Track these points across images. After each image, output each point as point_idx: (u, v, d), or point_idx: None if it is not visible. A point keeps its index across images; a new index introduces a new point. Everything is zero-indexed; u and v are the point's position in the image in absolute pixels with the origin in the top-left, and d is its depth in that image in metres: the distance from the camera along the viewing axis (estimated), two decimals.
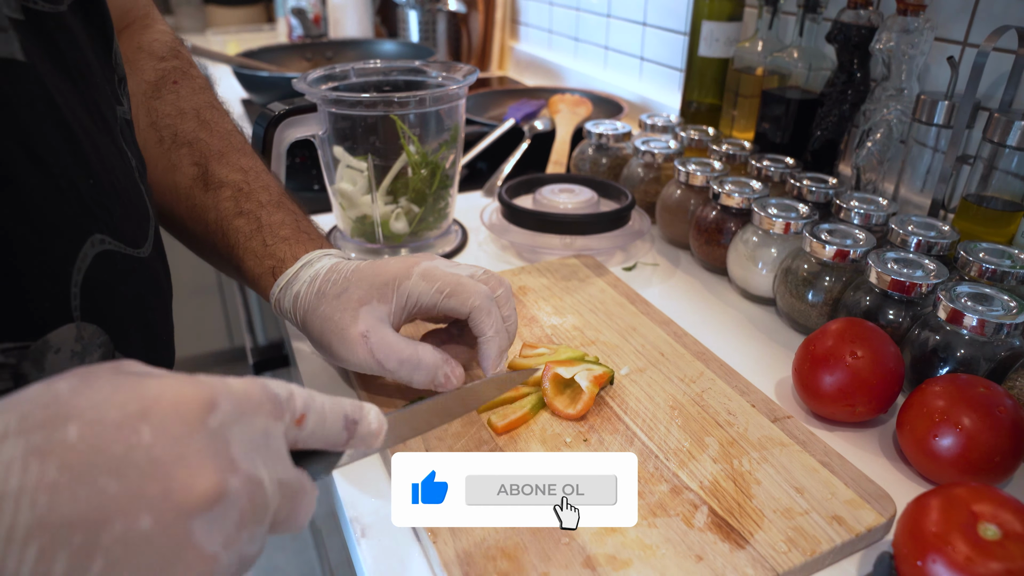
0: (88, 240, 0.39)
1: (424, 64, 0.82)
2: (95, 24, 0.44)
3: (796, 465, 0.49)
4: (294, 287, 0.55)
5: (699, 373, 0.58)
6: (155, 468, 0.25)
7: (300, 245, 0.58)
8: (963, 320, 0.54)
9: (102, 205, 0.40)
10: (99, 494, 0.24)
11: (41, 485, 0.23)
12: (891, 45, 0.75)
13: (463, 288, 0.52)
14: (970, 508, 0.39)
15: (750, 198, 0.74)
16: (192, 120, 0.60)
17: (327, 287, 0.53)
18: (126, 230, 0.43)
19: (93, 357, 0.40)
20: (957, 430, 0.48)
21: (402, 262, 0.53)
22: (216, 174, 0.59)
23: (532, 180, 0.90)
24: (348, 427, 0.34)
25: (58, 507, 0.23)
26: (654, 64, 1.29)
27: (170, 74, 0.61)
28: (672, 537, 0.43)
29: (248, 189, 0.59)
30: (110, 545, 0.24)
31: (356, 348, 0.51)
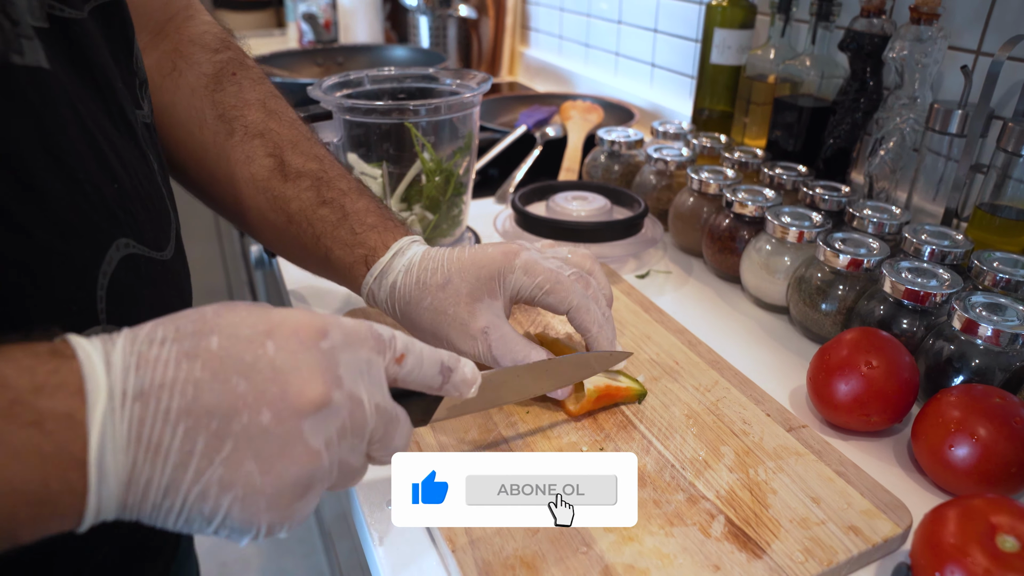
0: (113, 244, 0.40)
1: (437, 71, 0.83)
2: (115, 28, 0.45)
3: (812, 475, 0.49)
4: (389, 277, 0.55)
5: (714, 382, 0.59)
6: (275, 374, 0.31)
7: (388, 233, 0.57)
8: (978, 330, 0.54)
9: (126, 209, 0.41)
10: (231, 390, 0.30)
11: (190, 379, 0.29)
12: (904, 54, 0.76)
13: (561, 287, 0.53)
14: (988, 520, 0.39)
15: (763, 206, 0.74)
16: (259, 111, 0.60)
17: (426, 276, 0.54)
18: (149, 234, 0.44)
19: None
20: (973, 440, 0.48)
21: (502, 253, 0.54)
22: (293, 164, 0.59)
23: (545, 187, 0.90)
24: (443, 372, 0.39)
25: (201, 397, 0.29)
26: (665, 71, 1.30)
27: (228, 66, 0.61)
28: (689, 546, 0.43)
29: (327, 177, 0.59)
30: (238, 432, 0.30)
31: (477, 344, 0.53)
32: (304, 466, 0.31)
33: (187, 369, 0.29)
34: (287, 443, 0.31)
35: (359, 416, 0.34)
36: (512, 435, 0.53)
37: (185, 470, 0.29)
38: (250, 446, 0.30)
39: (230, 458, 0.30)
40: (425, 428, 0.54)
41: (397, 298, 0.55)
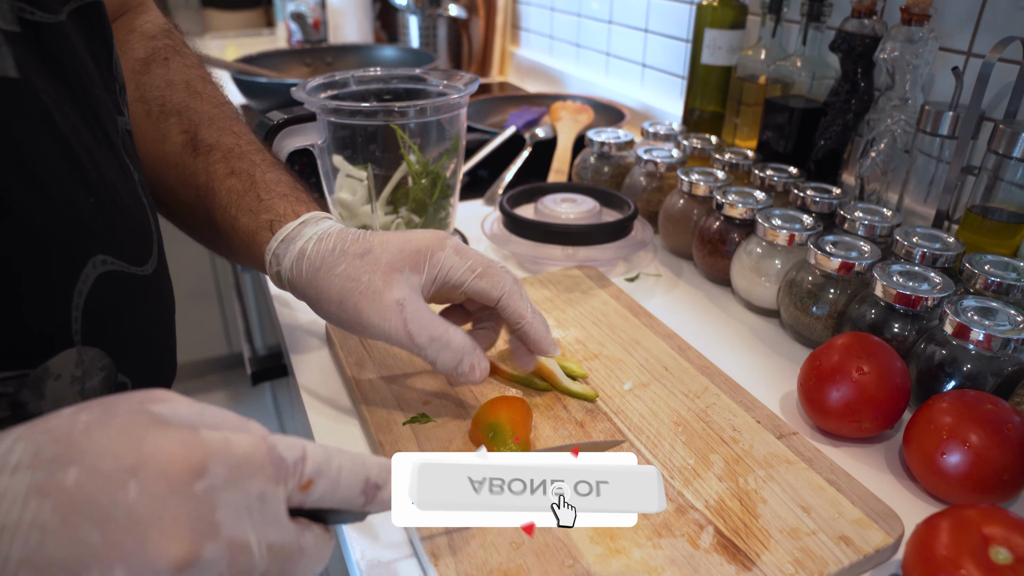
0: (89, 261, 0.38)
1: (425, 72, 0.82)
2: (95, 32, 0.43)
3: (802, 483, 0.48)
4: (297, 243, 0.51)
5: (703, 388, 0.58)
6: (133, 524, 0.26)
7: (300, 204, 0.54)
8: (970, 335, 0.54)
9: (104, 224, 0.39)
10: (81, 542, 0.25)
11: (35, 523, 0.24)
12: (895, 55, 0.75)
13: (494, 271, 0.50)
14: (981, 531, 0.38)
15: (754, 209, 0.74)
16: (182, 91, 0.58)
17: (344, 245, 0.50)
18: (129, 248, 0.42)
19: (94, 381, 0.39)
20: (965, 447, 0.48)
21: (432, 234, 0.51)
22: (206, 139, 0.56)
23: (534, 189, 0.89)
24: (368, 491, 0.33)
25: (45, 547, 0.24)
26: (656, 71, 1.29)
27: (160, 51, 0.59)
28: (677, 558, 0.42)
29: (240, 151, 0.56)
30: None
31: (389, 315, 0.48)
32: None
33: (35, 509, 0.25)
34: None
35: (243, 563, 0.28)
36: None
37: None
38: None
39: None
40: (409, 437, 0.53)
41: (305, 264, 0.51)
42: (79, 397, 0.38)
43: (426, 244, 0.50)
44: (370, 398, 0.57)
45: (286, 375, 1.01)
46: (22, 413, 0.36)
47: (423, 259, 0.49)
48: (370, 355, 0.61)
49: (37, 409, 0.36)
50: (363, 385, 0.58)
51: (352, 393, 0.58)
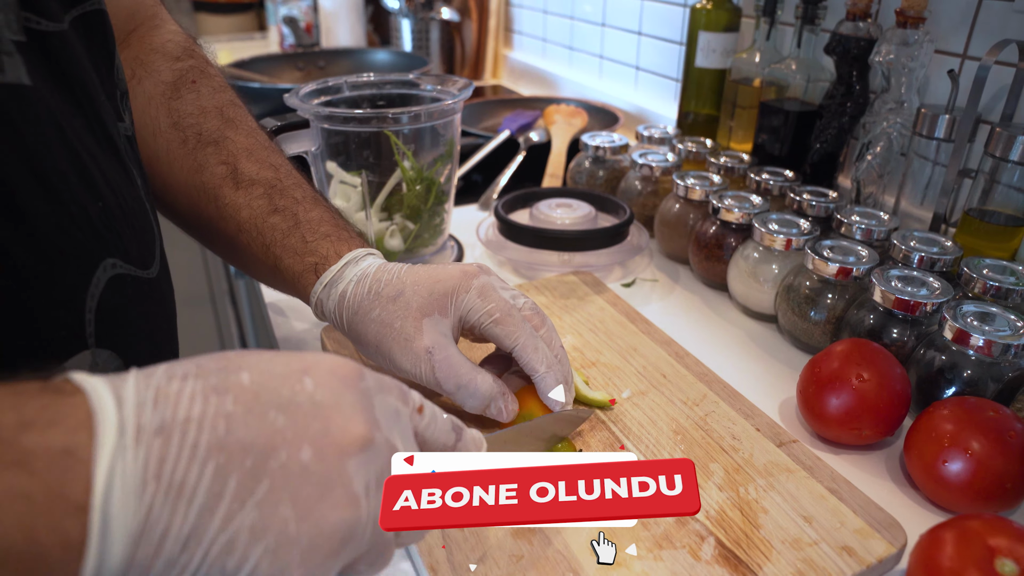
0: (100, 265, 0.39)
1: (418, 77, 0.81)
2: (96, 39, 0.43)
3: (803, 492, 0.48)
4: (339, 286, 0.53)
5: (702, 395, 0.57)
6: (317, 410, 0.29)
7: (342, 243, 0.55)
8: (970, 340, 0.53)
9: (111, 228, 0.40)
10: (269, 425, 0.27)
11: (220, 413, 0.26)
12: (891, 57, 0.75)
13: (511, 319, 0.51)
14: (986, 542, 0.38)
15: (750, 213, 0.73)
16: (216, 118, 0.58)
17: (379, 287, 0.51)
18: (135, 252, 0.42)
19: None
20: (967, 455, 0.47)
21: (461, 272, 0.52)
22: (246, 172, 0.56)
23: (528, 194, 0.89)
24: (456, 430, 0.38)
25: (234, 432, 0.26)
26: (650, 74, 1.28)
27: (188, 73, 0.59)
28: (679, 571, 0.42)
29: (281, 186, 0.57)
30: (275, 470, 0.27)
31: (419, 363, 0.50)
32: (343, 513, 0.28)
33: (216, 403, 0.26)
34: (328, 485, 0.28)
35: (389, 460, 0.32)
36: None
37: (212, 515, 0.25)
38: (287, 487, 0.27)
39: (265, 500, 0.26)
40: None
41: (345, 308, 0.52)
42: None
43: (452, 286, 0.51)
44: None
45: None
46: None
47: (449, 302, 0.51)
48: (365, 365, 0.61)
49: None
50: None
51: None
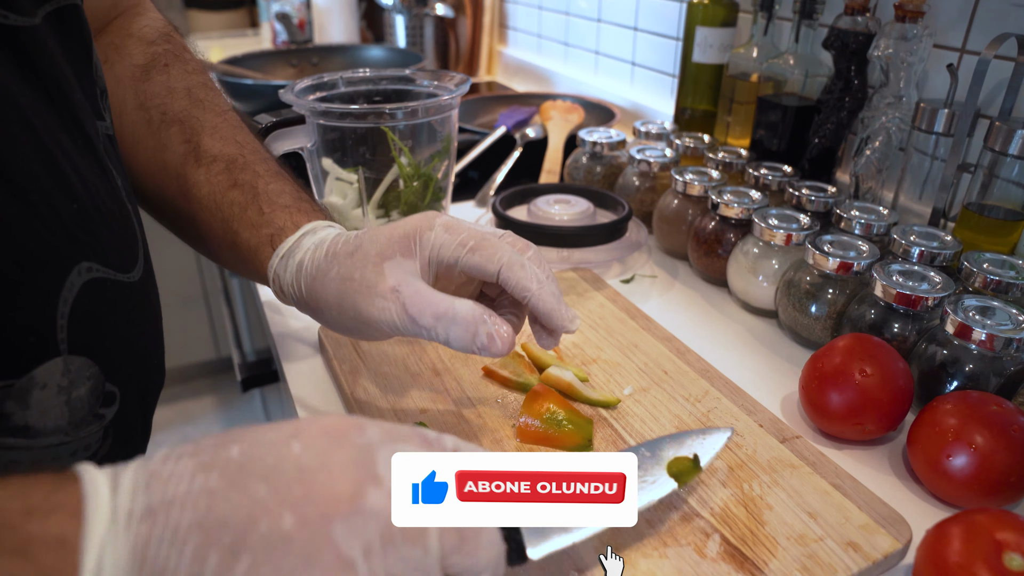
0: (75, 269, 0.37)
1: (414, 72, 0.81)
2: (73, 35, 0.42)
3: (808, 488, 0.48)
4: (296, 256, 0.49)
5: (704, 392, 0.57)
6: (300, 474, 0.27)
7: (302, 214, 0.52)
8: (972, 334, 0.53)
9: (88, 230, 0.38)
10: (250, 496, 0.26)
11: (203, 490, 0.26)
12: (889, 52, 0.75)
13: (488, 243, 0.45)
14: (994, 537, 0.38)
15: (750, 208, 0.73)
16: (183, 98, 0.56)
17: (336, 247, 0.48)
18: (114, 255, 0.41)
19: (80, 391, 0.39)
20: (971, 449, 0.47)
21: (421, 216, 0.47)
22: (209, 149, 0.54)
23: (526, 190, 0.88)
24: None
25: (214, 508, 0.26)
26: (646, 69, 1.28)
27: (161, 57, 0.57)
28: (684, 569, 0.42)
29: (244, 161, 0.54)
30: (255, 543, 0.25)
31: (387, 305, 0.44)
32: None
33: (202, 480, 0.26)
34: (313, 552, 0.26)
35: None
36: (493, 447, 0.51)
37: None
38: (269, 558, 0.25)
39: (247, 574, 0.25)
40: None
41: (303, 276, 0.48)
42: (65, 407, 0.38)
43: (413, 227, 0.46)
44: (366, 408, 0.56)
45: (277, 381, 1.00)
46: (6, 424, 0.36)
47: (412, 242, 0.45)
48: (364, 363, 0.60)
49: (22, 420, 0.36)
50: (358, 394, 0.57)
51: (347, 403, 0.57)
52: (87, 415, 0.40)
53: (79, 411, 0.39)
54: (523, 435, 0.51)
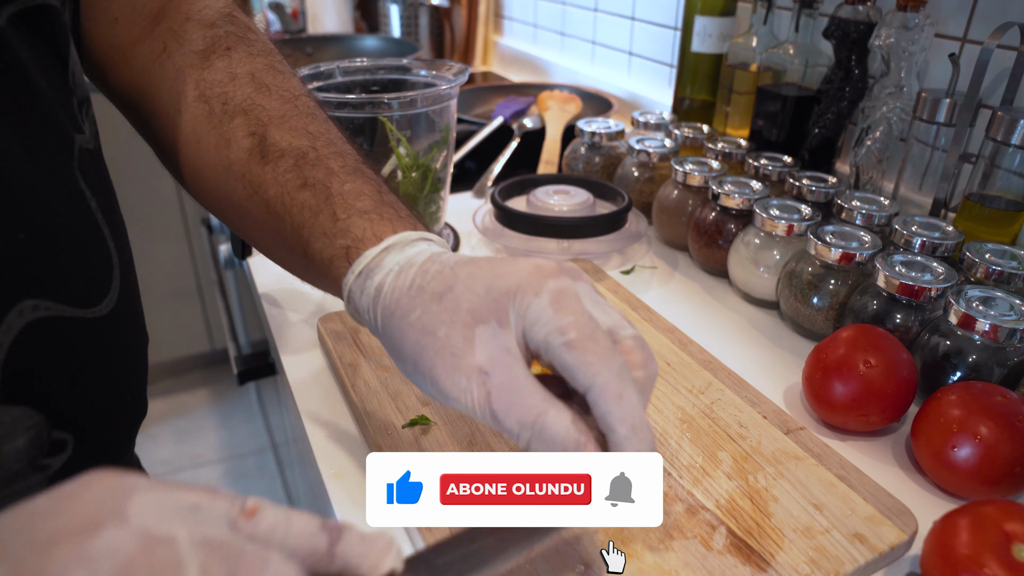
0: (14, 309, 0.33)
1: (411, 62, 0.80)
2: (43, 39, 0.38)
3: (813, 480, 0.47)
4: (376, 276, 0.40)
5: (707, 383, 0.57)
6: None
7: (385, 222, 0.42)
8: (975, 325, 0.53)
9: (38, 262, 0.34)
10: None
11: None
12: (890, 41, 0.74)
13: (593, 344, 0.35)
14: (1002, 528, 0.38)
15: (751, 199, 0.73)
16: (247, 85, 0.48)
17: (424, 280, 0.38)
18: (73, 288, 0.36)
19: (17, 443, 0.35)
20: (975, 440, 0.47)
21: (534, 267, 0.37)
22: (276, 142, 0.46)
23: (525, 181, 0.88)
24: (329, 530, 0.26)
25: None
26: (643, 59, 1.27)
27: (222, 40, 0.50)
28: (691, 561, 0.41)
29: (316, 155, 0.46)
30: None
31: (471, 387, 0.36)
32: None
33: None
34: None
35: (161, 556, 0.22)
36: (492, 433, 0.50)
37: None
38: None
39: None
40: (410, 440, 0.51)
41: (380, 306, 0.40)
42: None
43: (518, 284, 0.36)
44: (367, 401, 0.55)
45: (273, 374, 0.99)
46: None
47: (510, 305, 0.36)
48: (365, 357, 0.60)
49: None
50: (359, 388, 0.56)
51: (348, 396, 0.57)
52: (24, 468, 0.36)
53: (13, 464, 0.35)
54: None
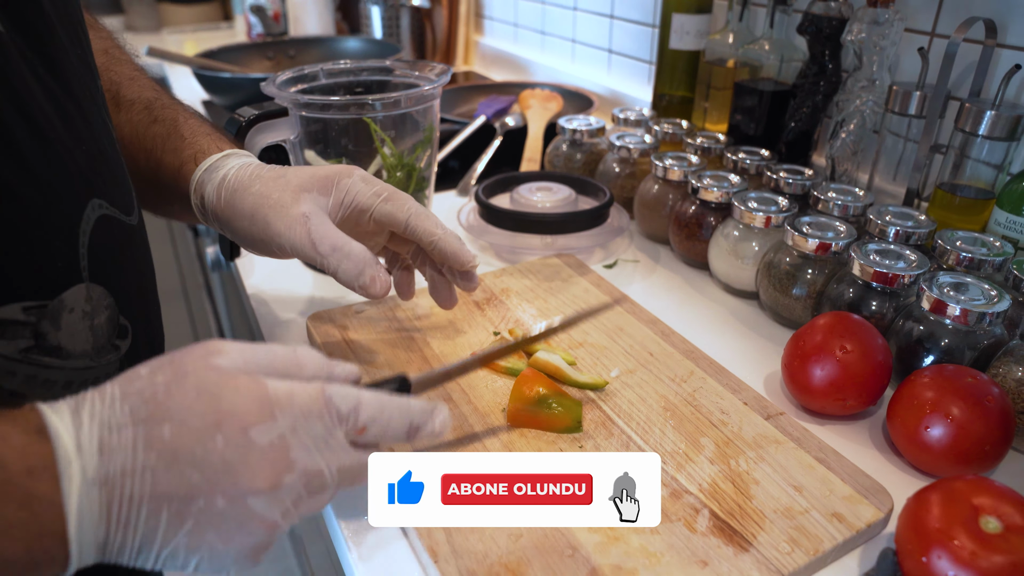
0: (89, 204, 0.41)
1: (394, 63, 0.81)
2: None
3: (792, 463, 0.49)
4: (220, 171, 0.54)
5: (689, 372, 0.58)
6: (226, 467, 0.33)
7: (225, 142, 0.58)
8: (946, 310, 0.55)
9: (96, 172, 0.42)
10: (186, 479, 0.32)
11: (147, 467, 0.31)
12: (862, 36, 0.76)
13: (400, 195, 0.52)
14: (970, 502, 0.39)
15: (729, 192, 0.74)
16: (101, 56, 0.59)
17: (262, 171, 0.54)
18: (118, 197, 0.44)
19: (100, 319, 0.43)
20: (947, 420, 0.49)
21: (343, 165, 0.53)
22: (127, 95, 0.58)
23: (508, 179, 0.89)
24: (410, 432, 0.39)
25: (159, 485, 0.32)
26: (623, 57, 1.29)
27: None
28: (676, 543, 0.43)
29: (163, 103, 0.59)
30: (197, 512, 0.32)
31: (295, 225, 0.50)
32: (262, 535, 0.34)
33: (143, 458, 0.31)
34: (243, 521, 0.33)
35: (318, 484, 0.36)
36: (484, 431, 0.52)
37: (153, 539, 0.32)
38: (210, 523, 0.33)
39: (192, 531, 0.32)
40: None
41: (225, 188, 0.53)
42: (89, 333, 0.42)
43: (335, 171, 0.53)
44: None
45: None
46: (44, 344, 0.40)
47: (331, 183, 0.52)
48: (353, 353, 0.61)
49: (55, 340, 0.40)
50: None
51: None
52: (106, 343, 0.44)
53: (100, 337, 0.43)
54: (513, 419, 0.52)
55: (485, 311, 0.67)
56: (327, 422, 0.36)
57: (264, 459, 0.33)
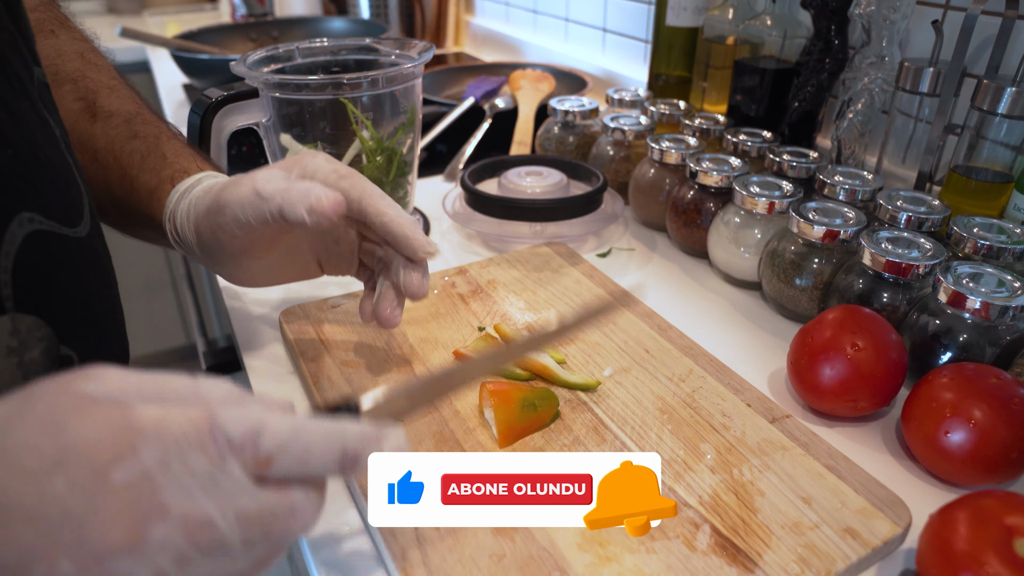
0: (15, 219, 0.35)
1: (375, 41, 0.76)
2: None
3: (800, 471, 0.45)
4: (194, 191, 0.51)
5: (688, 371, 0.54)
6: (67, 519, 0.25)
7: (206, 163, 0.55)
8: (966, 303, 0.51)
9: (26, 179, 0.36)
10: (17, 541, 0.25)
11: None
12: (871, 9, 0.71)
13: (359, 176, 0.50)
14: (1003, 522, 0.35)
15: (730, 176, 0.70)
16: (76, 60, 0.56)
17: (229, 180, 0.50)
18: (57, 207, 0.39)
19: (33, 353, 0.36)
20: (969, 424, 0.45)
21: (311, 150, 0.51)
22: (105, 105, 0.55)
23: (496, 163, 0.85)
24: (345, 463, 0.30)
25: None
26: (618, 36, 1.24)
27: (45, 23, 0.56)
28: (674, 564, 0.39)
29: (144, 119, 0.56)
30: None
31: (241, 188, 0.47)
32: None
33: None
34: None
35: (209, 536, 0.27)
36: (469, 441, 0.48)
37: None
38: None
39: None
40: None
41: (192, 208, 0.50)
42: (18, 371, 0.36)
43: (300, 156, 0.51)
44: (329, 396, 0.52)
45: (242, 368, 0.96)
46: None
47: (294, 163, 0.50)
48: (328, 351, 0.57)
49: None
50: (321, 383, 0.53)
51: (309, 390, 0.54)
52: None
53: (33, 375, 0.37)
54: (505, 442, 0.48)
55: (469, 304, 0.63)
56: (212, 453, 0.27)
57: (119, 505, 0.25)
